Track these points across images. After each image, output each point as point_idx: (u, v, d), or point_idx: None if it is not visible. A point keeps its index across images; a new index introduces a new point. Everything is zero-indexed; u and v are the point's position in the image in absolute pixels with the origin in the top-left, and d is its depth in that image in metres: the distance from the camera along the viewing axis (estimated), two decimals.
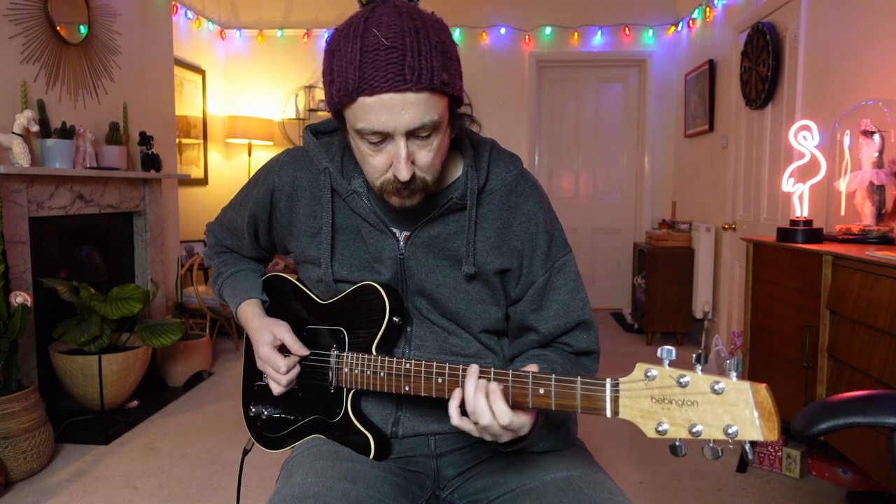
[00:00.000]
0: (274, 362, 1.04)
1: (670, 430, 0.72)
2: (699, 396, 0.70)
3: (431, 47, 0.83)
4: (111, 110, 3.29)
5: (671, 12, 5.02)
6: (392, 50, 0.81)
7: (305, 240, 1.06)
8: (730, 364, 0.70)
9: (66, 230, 3.02)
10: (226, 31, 5.26)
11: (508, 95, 5.19)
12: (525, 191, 1.04)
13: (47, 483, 2.31)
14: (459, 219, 1.00)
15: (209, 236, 1.28)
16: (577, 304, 1.05)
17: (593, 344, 1.07)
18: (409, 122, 0.84)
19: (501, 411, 0.82)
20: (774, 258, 2.29)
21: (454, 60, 0.87)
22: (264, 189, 1.10)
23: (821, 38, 2.81)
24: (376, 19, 0.83)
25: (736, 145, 3.77)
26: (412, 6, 0.86)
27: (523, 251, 1.02)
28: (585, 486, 0.94)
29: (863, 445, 1.70)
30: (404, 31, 0.82)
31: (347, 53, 0.83)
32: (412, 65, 0.81)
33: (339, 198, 1.03)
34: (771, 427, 0.66)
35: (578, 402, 0.78)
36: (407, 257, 1.02)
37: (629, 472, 2.43)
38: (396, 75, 0.81)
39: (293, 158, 1.09)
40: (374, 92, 0.82)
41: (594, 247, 5.37)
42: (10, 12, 2.64)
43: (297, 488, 0.92)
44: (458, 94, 0.89)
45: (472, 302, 1.03)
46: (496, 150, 1.05)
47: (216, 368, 3.73)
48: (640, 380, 0.74)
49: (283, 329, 1.06)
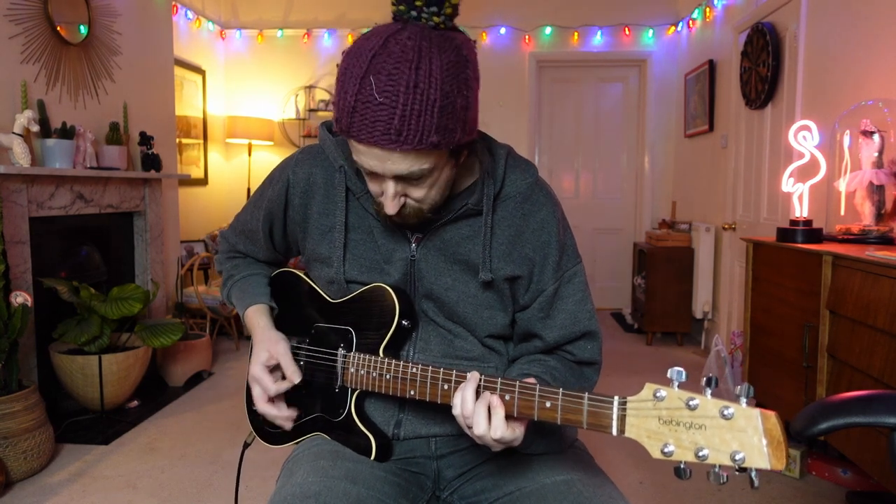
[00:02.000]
0: (263, 383, 1.04)
1: (676, 452, 0.71)
2: (707, 420, 0.69)
3: (425, 107, 0.79)
4: (111, 110, 3.29)
5: (671, 12, 5.02)
6: (382, 107, 0.79)
7: (318, 237, 1.06)
8: (740, 390, 0.69)
9: (66, 230, 3.02)
10: (226, 31, 5.26)
11: (508, 95, 5.19)
12: (539, 199, 1.03)
13: (47, 483, 2.31)
14: (472, 224, 1.00)
15: (222, 243, 1.26)
16: (584, 314, 1.04)
17: (596, 355, 1.07)
18: (395, 170, 0.85)
19: (497, 426, 0.83)
20: (774, 258, 2.29)
21: (458, 111, 0.82)
22: (279, 186, 1.09)
23: (821, 38, 2.81)
24: (379, 63, 0.80)
25: (736, 145, 3.77)
26: (429, 44, 0.80)
27: (534, 259, 1.02)
28: (585, 489, 0.94)
29: (863, 445, 1.70)
30: (399, 88, 0.78)
31: (346, 94, 0.82)
32: (398, 128, 0.79)
33: (353, 197, 1.03)
34: (779, 456, 0.66)
35: (585, 419, 0.78)
36: (418, 259, 1.02)
37: (629, 472, 2.43)
38: (383, 134, 0.80)
39: (308, 155, 1.08)
40: (362, 142, 0.83)
41: (594, 247, 5.37)
42: (10, 12, 2.64)
43: (298, 487, 0.93)
44: (459, 143, 0.86)
45: (480, 307, 1.02)
46: (512, 157, 1.05)
47: (216, 368, 3.73)
48: (648, 399, 0.73)
49: (281, 349, 1.05)
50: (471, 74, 0.84)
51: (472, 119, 0.87)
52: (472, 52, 0.86)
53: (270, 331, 1.10)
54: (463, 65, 0.83)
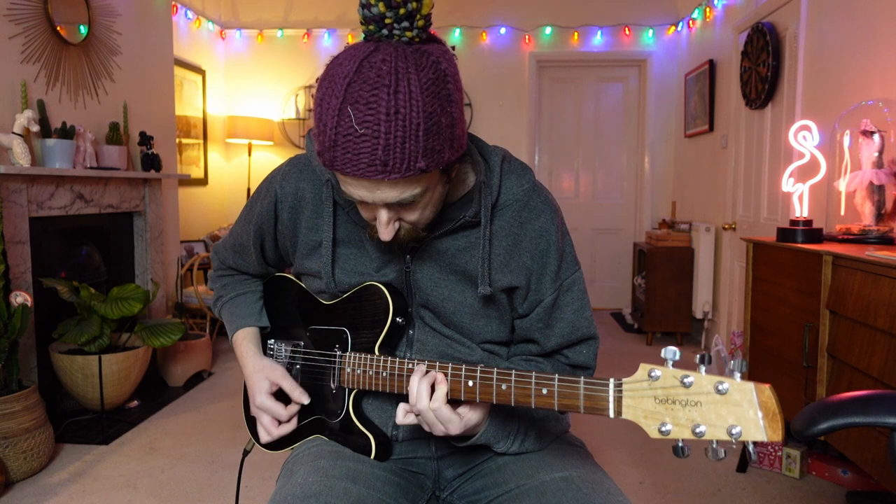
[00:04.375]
0: (275, 411, 1.04)
1: (673, 430, 0.71)
2: (703, 397, 0.70)
3: (409, 133, 0.76)
4: (111, 110, 3.29)
5: (671, 12, 5.02)
6: (364, 139, 0.76)
7: (307, 252, 1.05)
8: (734, 364, 0.70)
9: (66, 230, 3.02)
10: (226, 31, 5.26)
11: (508, 95, 5.19)
12: (537, 206, 1.00)
13: (47, 483, 2.31)
14: (469, 235, 0.99)
15: (214, 259, 1.25)
16: (584, 322, 1.04)
17: (591, 360, 1.07)
18: (386, 198, 0.82)
19: (437, 397, 0.87)
20: (774, 258, 2.29)
21: (444, 130, 0.79)
22: (267, 201, 1.07)
23: (821, 38, 2.81)
24: (356, 92, 0.76)
25: (736, 145, 3.77)
26: (405, 64, 0.76)
27: (532, 268, 1.00)
28: (584, 485, 0.95)
29: (863, 445, 1.70)
30: (380, 117, 0.75)
31: (325, 127, 0.79)
32: (383, 158, 0.76)
33: (342, 210, 1.01)
34: (775, 427, 0.66)
35: (581, 403, 0.79)
36: (413, 270, 1.01)
37: (629, 472, 2.43)
38: (368, 165, 0.77)
39: (295, 168, 1.05)
40: (347, 175, 0.80)
41: (594, 247, 5.37)
42: (10, 12, 2.64)
43: (299, 487, 0.93)
44: (449, 161, 0.83)
45: (477, 317, 1.02)
46: (507, 163, 1.01)
47: (216, 368, 3.73)
48: (643, 380, 0.74)
49: (280, 375, 1.06)
50: (452, 88, 0.80)
51: (460, 135, 0.84)
52: (451, 64, 0.81)
53: (261, 359, 1.10)
54: (442, 81, 0.79)
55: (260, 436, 1.09)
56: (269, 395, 1.05)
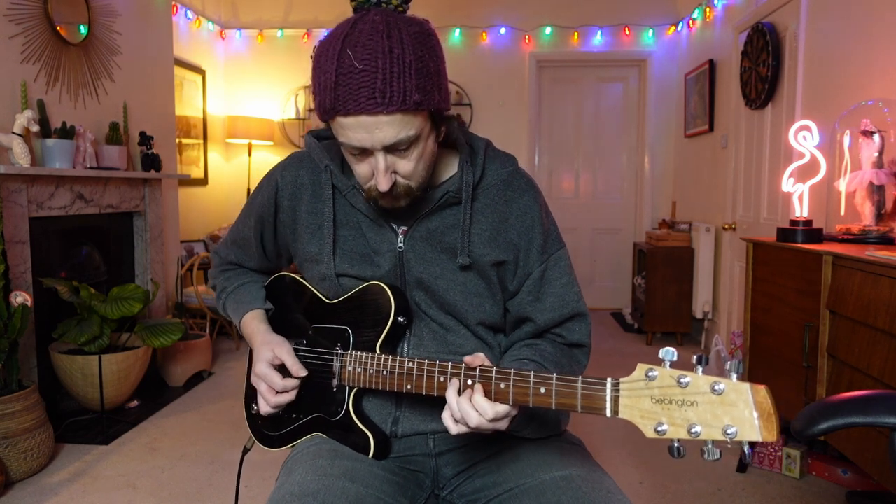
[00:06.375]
0: (270, 378, 1.05)
1: (669, 430, 0.72)
2: (699, 397, 0.70)
3: (404, 68, 0.85)
4: (111, 110, 3.29)
5: (671, 12, 5.02)
6: (364, 73, 0.84)
7: (308, 236, 1.09)
8: (730, 365, 0.70)
9: (66, 230, 3.02)
10: (226, 31, 5.26)
11: (508, 95, 5.19)
12: (521, 185, 1.07)
13: (47, 483, 2.31)
14: (456, 213, 1.04)
15: (214, 258, 1.29)
16: (572, 297, 1.07)
17: (585, 338, 1.09)
18: (384, 139, 0.88)
19: (484, 408, 0.84)
20: (774, 258, 2.29)
21: (433, 75, 0.89)
22: (268, 191, 1.13)
23: (821, 38, 2.81)
24: (353, 39, 0.86)
25: (736, 145, 3.77)
26: (395, 19, 0.88)
27: (519, 244, 1.05)
28: (584, 484, 0.95)
29: (863, 445, 1.70)
30: (377, 53, 0.84)
31: (325, 74, 0.87)
32: (382, 89, 0.84)
33: (340, 194, 1.06)
34: (770, 428, 0.67)
35: (579, 402, 0.79)
36: (405, 251, 1.04)
37: (629, 472, 2.43)
38: (368, 99, 0.84)
39: (295, 160, 1.12)
40: (349, 113, 0.86)
41: (594, 247, 5.37)
42: (10, 12, 2.64)
43: (297, 486, 0.93)
44: (439, 106, 0.91)
45: (469, 294, 1.05)
46: (491, 149, 1.09)
47: (216, 368, 3.73)
48: (640, 380, 0.74)
49: (285, 350, 1.07)
50: (436, 46, 0.91)
51: (446, 89, 0.93)
52: (434, 32, 0.92)
53: (271, 334, 1.11)
54: (428, 36, 0.90)
55: (260, 406, 1.09)
56: (269, 364, 1.06)
